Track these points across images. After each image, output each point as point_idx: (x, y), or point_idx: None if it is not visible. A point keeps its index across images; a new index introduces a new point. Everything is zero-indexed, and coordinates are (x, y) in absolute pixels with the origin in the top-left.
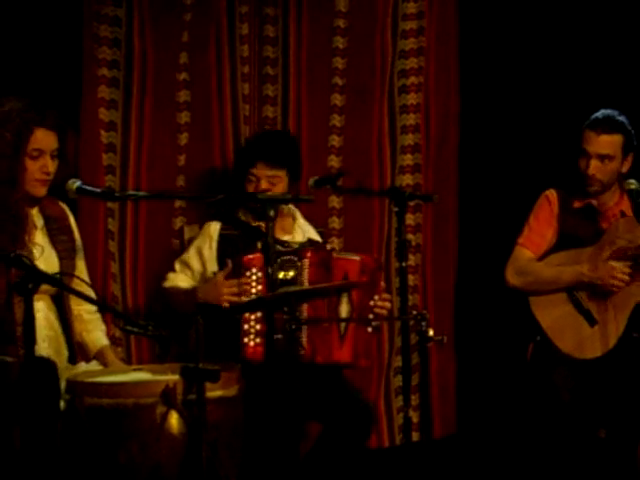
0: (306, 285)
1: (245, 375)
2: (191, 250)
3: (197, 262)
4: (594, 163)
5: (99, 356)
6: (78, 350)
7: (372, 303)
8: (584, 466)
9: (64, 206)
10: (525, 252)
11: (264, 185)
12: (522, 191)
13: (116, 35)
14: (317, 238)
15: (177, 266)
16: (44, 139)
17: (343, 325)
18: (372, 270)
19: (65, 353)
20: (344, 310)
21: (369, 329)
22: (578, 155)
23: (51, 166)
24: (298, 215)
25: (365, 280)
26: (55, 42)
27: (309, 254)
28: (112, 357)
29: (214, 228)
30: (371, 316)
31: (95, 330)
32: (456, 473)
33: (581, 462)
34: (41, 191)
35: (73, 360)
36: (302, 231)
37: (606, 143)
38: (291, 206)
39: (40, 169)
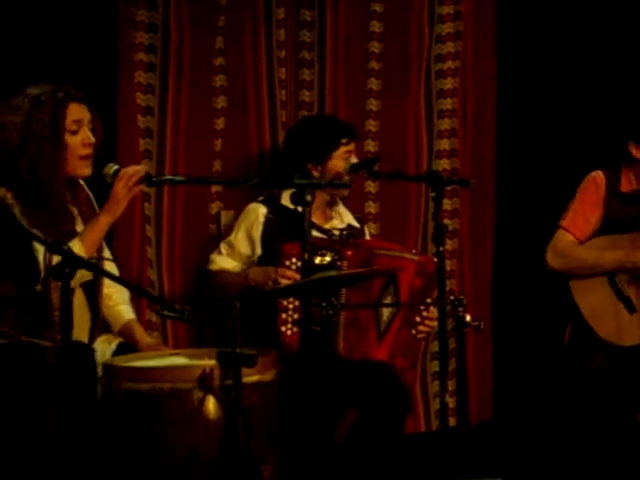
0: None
1: (282, 361)
2: (239, 233)
3: (246, 245)
4: None
5: (124, 331)
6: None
7: (422, 307)
8: (621, 451)
9: (83, 184)
10: (567, 235)
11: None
12: (560, 175)
13: (152, 20)
14: (355, 224)
15: (223, 249)
16: (79, 110)
17: (384, 325)
18: (430, 274)
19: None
20: (386, 311)
21: (413, 331)
22: (629, 138)
23: (92, 137)
24: (338, 200)
25: (417, 283)
26: (91, 27)
27: (349, 253)
28: (140, 332)
29: (261, 212)
30: (418, 319)
31: (117, 305)
32: (492, 459)
33: (618, 447)
34: (86, 170)
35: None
36: (341, 216)
37: None
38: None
39: (82, 142)
